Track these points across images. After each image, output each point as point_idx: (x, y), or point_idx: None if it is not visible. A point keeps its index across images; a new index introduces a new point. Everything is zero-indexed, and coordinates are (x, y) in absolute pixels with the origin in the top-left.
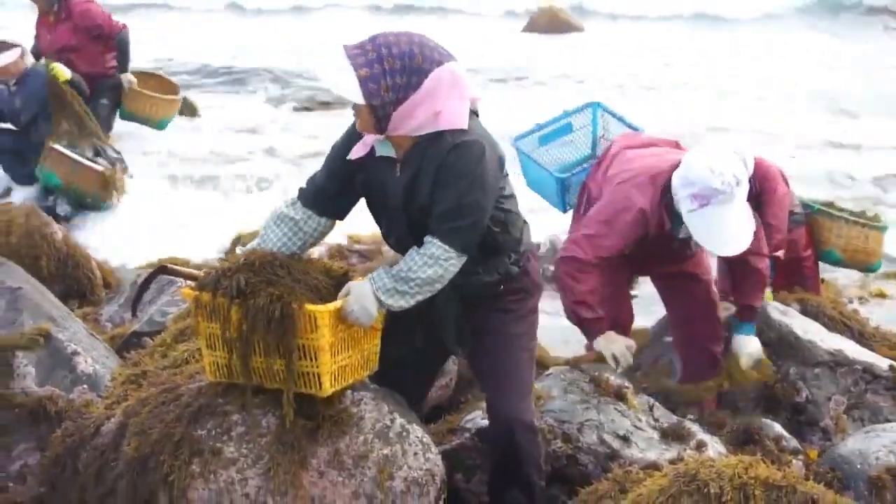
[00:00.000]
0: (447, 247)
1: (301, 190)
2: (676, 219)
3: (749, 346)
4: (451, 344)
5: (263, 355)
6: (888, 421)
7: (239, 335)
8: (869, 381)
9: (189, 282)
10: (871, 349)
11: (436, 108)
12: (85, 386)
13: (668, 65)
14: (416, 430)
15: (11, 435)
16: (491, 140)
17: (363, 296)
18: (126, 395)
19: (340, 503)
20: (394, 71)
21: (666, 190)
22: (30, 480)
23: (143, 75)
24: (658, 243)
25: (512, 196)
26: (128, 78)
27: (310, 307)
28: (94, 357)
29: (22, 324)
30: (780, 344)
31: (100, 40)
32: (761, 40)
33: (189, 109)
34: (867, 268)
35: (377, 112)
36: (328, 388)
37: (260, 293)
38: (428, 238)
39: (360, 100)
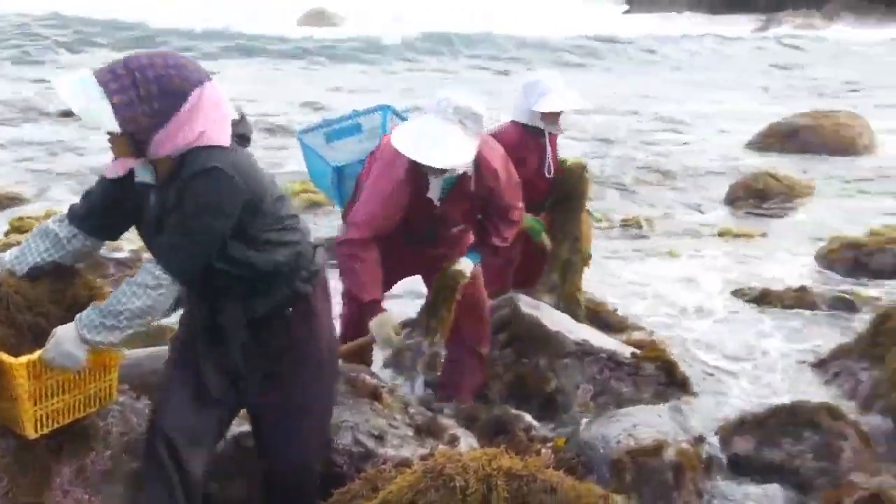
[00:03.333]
0: (159, 273)
1: (71, 206)
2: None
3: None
4: (236, 367)
5: None
6: (630, 405)
7: None
8: (612, 367)
9: None
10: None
11: (200, 127)
12: None
13: None
14: None
15: None
16: (248, 169)
17: (63, 341)
18: None
19: None
20: (151, 96)
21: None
22: None
23: None
24: (420, 214)
25: (294, 217)
26: None
27: (3, 358)
28: None
29: None
30: (530, 337)
31: None
32: None
33: None
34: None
35: (135, 138)
36: (32, 433)
37: None
38: (146, 264)
39: (116, 128)
